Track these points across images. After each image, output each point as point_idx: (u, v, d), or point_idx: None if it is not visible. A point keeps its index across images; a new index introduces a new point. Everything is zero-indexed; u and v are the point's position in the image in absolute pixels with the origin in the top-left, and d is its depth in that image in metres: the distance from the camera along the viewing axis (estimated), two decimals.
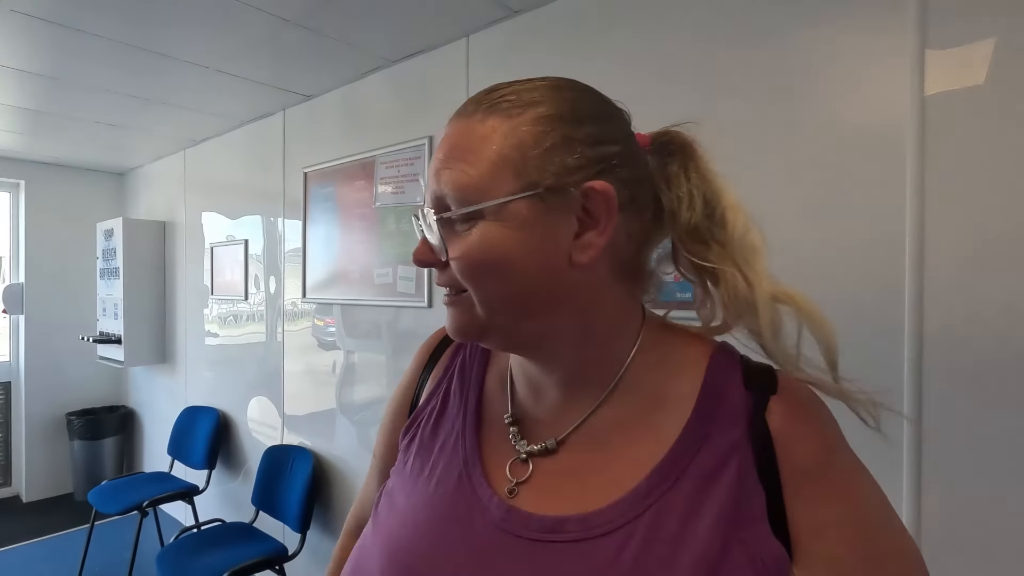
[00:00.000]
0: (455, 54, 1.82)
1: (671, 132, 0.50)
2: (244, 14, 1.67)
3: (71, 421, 3.71)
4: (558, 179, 0.43)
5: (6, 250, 3.84)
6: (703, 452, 0.42)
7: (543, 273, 0.44)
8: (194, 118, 2.74)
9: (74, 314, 3.82)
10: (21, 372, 3.70)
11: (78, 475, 3.73)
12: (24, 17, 1.69)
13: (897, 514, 0.44)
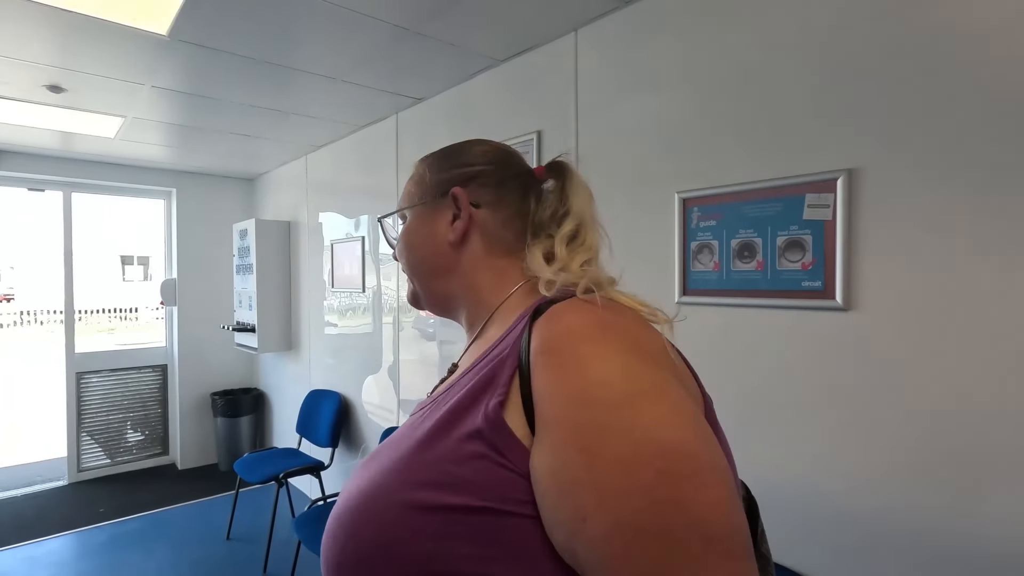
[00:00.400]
0: (563, 49, 1.86)
1: (558, 160, 0.72)
2: (367, 26, 1.81)
3: (214, 400, 4.21)
4: (437, 190, 0.69)
5: (162, 250, 4.41)
6: (489, 361, 0.55)
7: (433, 248, 0.69)
8: (316, 126, 3.00)
9: (215, 305, 4.32)
10: (175, 356, 4.25)
11: (221, 448, 4.22)
12: (187, 45, 1.95)
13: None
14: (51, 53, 2.02)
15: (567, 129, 1.85)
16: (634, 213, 1.64)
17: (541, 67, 1.95)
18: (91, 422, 4.04)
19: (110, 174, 3.91)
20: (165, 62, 2.09)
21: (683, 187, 1.51)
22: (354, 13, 1.71)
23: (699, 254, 1.46)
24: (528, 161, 1.95)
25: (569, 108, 1.84)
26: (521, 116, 2.03)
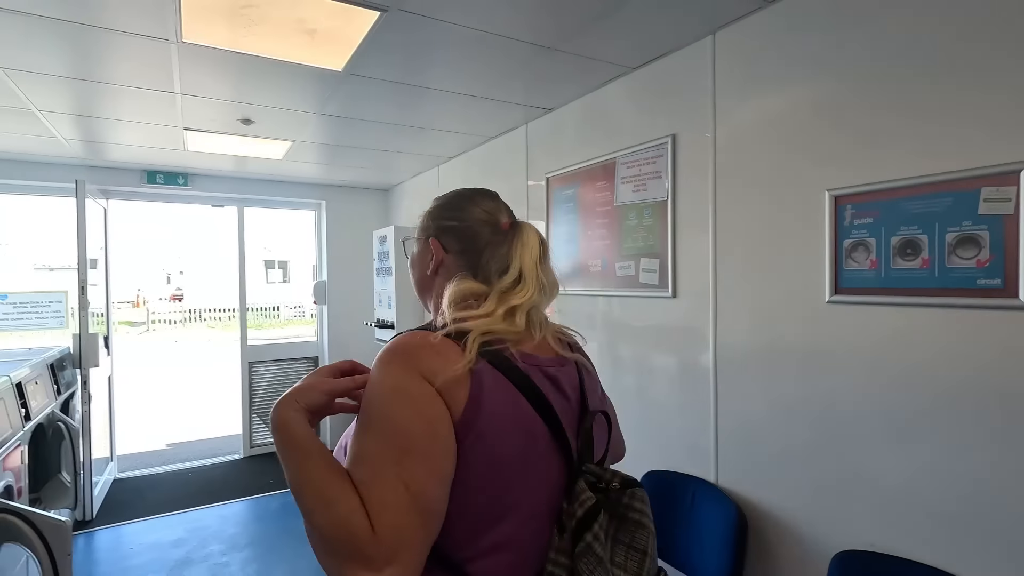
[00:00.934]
0: (700, 52, 1.89)
1: (517, 221, 0.94)
2: (508, 47, 1.96)
3: None
4: (425, 234, 0.96)
5: (314, 255, 4.98)
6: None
7: (421, 272, 0.97)
8: (450, 139, 3.25)
9: (358, 304, 4.80)
10: (326, 349, 4.79)
11: None
12: (357, 78, 2.24)
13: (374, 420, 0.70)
14: (246, 92, 2.42)
15: (704, 131, 1.88)
16: (777, 212, 1.65)
17: (675, 71, 2.00)
18: (260, 404, 4.68)
19: (274, 190, 4.51)
20: (336, 93, 2.41)
21: (834, 184, 1.49)
22: (498, 37, 1.88)
23: (853, 252, 1.44)
24: (662, 165, 2.02)
25: (706, 110, 1.87)
26: (654, 121, 2.09)
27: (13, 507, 1.65)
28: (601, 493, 0.75)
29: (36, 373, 2.72)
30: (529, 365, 0.78)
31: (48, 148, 3.33)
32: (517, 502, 0.71)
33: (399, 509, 0.63)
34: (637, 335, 2.21)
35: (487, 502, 0.70)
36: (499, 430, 0.70)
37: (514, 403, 0.73)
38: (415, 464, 0.65)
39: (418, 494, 0.64)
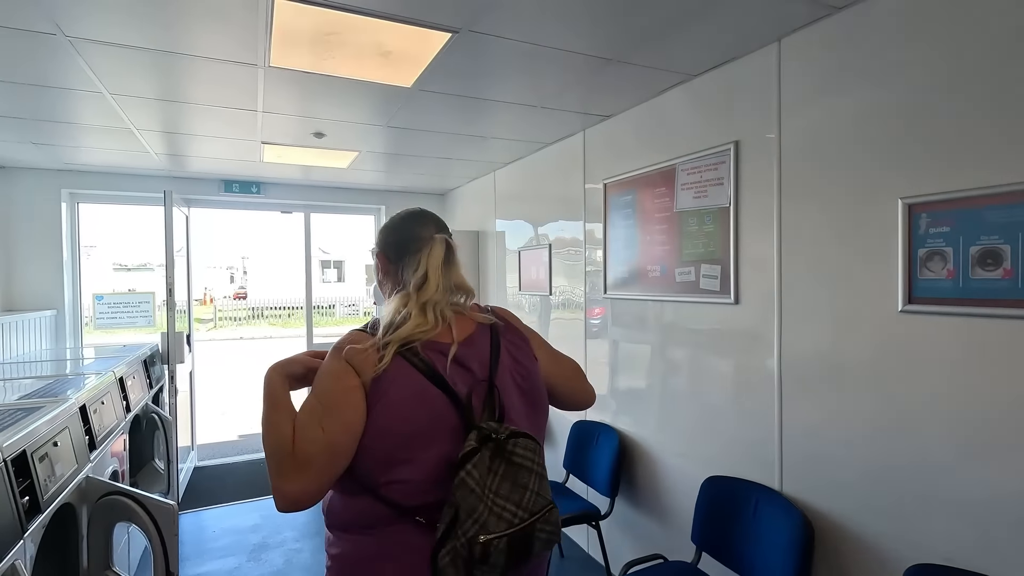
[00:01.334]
0: (764, 59, 1.89)
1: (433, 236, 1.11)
2: (572, 61, 2.02)
3: None
4: (376, 250, 1.17)
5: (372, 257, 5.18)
6: None
7: (379, 280, 1.19)
8: (507, 146, 3.33)
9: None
10: None
11: None
12: (424, 93, 2.35)
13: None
14: (320, 108, 2.57)
15: (768, 138, 1.88)
16: (846, 219, 1.63)
17: (738, 78, 2.00)
18: None
19: (338, 196, 4.73)
20: (403, 108, 2.54)
21: (908, 192, 1.47)
22: (561, 52, 1.94)
23: (928, 261, 1.42)
24: (724, 171, 2.03)
25: (771, 117, 1.87)
26: (715, 128, 2.10)
27: (128, 490, 1.84)
28: (490, 441, 0.95)
29: (133, 369, 2.98)
30: (433, 352, 1.02)
31: (141, 161, 3.63)
32: (416, 452, 0.97)
33: (313, 441, 0.95)
34: (696, 340, 2.22)
35: (390, 449, 0.97)
36: (397, 402, 0.97)
37: (416, 383, 0.98)
38: (331, 418, 0.96)
39: (330, 435, 0.95)
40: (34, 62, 1.98)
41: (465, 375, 1.02)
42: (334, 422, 0.95)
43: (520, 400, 1.07)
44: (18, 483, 1.45)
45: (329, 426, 0.95)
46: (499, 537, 0.91)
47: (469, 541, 0.91)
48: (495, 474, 0.95)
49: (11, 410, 1.81)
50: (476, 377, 1.03)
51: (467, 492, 0.92)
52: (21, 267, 3.73)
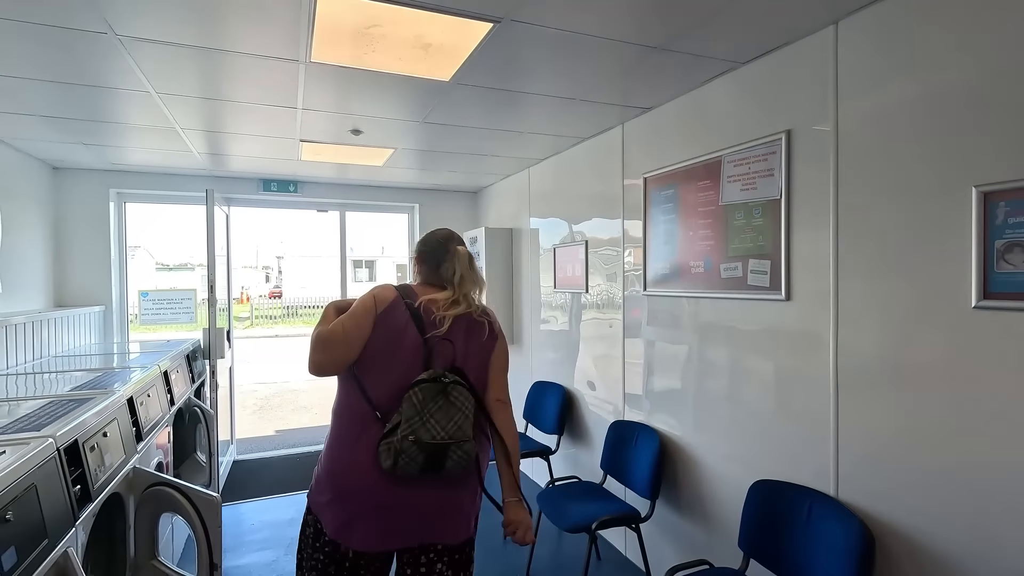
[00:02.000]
0: (819, 43, 1.80)
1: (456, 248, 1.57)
2: (615, 49, 1.96)
3: None
4: (415, 255, 1.66)
5: (406, 255, 5.20)
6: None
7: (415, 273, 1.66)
8: (543, 141, 3.29)
9: None
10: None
11: None
12: (463, 87, 2.32)
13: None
14: (358, 104, 2.58)
15: (824, 126, 1.79)
16: (910, 209, 1.54)
17: (790, 65, 1.91)
18: None
19: (373, 195, 4.77)
20: (441, 102, 2.52)
21: (983, 180, 1.37)
22: (606, 40, 1.88)
23: (1007, 254, 1.32)
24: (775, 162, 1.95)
25: (826, 104, 1.78)
26: (765, 117, 2.01)
27: (174, 482, 1.87)
28: (438, 381, 1.39)
29: (176, 363, 3.05)
30: (426, 309, 1.46)
31: (184, 161, 3.72)
32: (389, 366, 1.43)
33: (337, 333, 1.42)
34: (743, 338, 2.13)
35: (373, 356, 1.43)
36: (387, 328, 1.44)
37: (403, 321, 1.45)
38: (352, 323, 1.44)
39: (347, 332, 1.42)
40: (86, 63, 2.03)
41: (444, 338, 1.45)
42: (352, 326, 1.44)
43: (476, 363, 1.52)
44: (70, 472, 1.48)
45: (349, 328, 1.43)
46: (421, 443, 1.34)
47: (402, 438, 1.34)
48: (436, 403, 1.38)
49: (64, 401, 1.86)
50: (449, 339, 1.46)
51: (410, 406, 1.37)
52: (72, 265, 3.87)
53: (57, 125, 2.83)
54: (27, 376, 2.50)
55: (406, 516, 1.41)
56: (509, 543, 3.06)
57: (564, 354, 3.56)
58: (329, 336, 1.42)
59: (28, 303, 3.40)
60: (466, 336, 1.49)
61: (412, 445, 1.32)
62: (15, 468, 1.22)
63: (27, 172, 3.45)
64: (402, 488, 1.39)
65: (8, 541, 1.14)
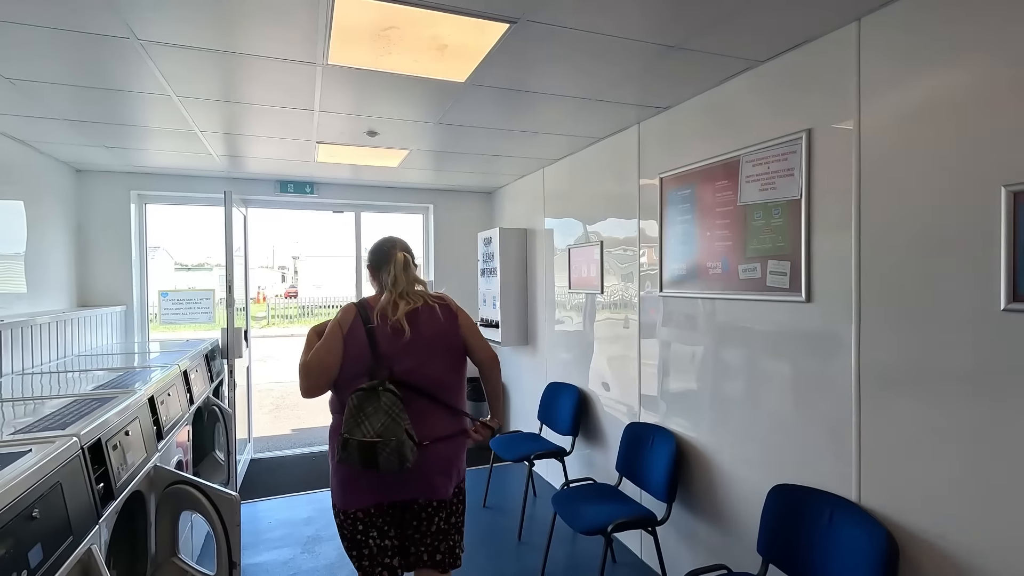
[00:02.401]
0: (841, 40, 1.77)
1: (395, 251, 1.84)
2: (633, 49, 1.95)
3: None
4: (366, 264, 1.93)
5: (420, 256, 5.23)
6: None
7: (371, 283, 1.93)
8: (557, 142, 3.28)
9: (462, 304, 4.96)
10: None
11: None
12: (478, 88, 2.32)
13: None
14: (374, 106, 2.59)
15: (846, 124, 1.75)
16: (936, 209, 1.50)
17: (811, 63, 1.88)
18: None
19: (388, 196, 4.79)
20: (456, 104, 2.52)
21: (1013, 179, 1.33)
22: (623, 40, 1.87)
23: None
24: (795, 162, 1.92)
25: (848, 101, 1.74)
26: (785, 115, 1.98)
27: (194, 480, 1.90)
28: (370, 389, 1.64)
29: (195, 363, 3.09)
30: (379, 319, 1.73)
31: (202, 163, 3.77)
32: (352, 373, 1.70)
33: (313, 363, 1.69)
34: (761, 340, 2.10)
35: (345, 367, 1.70)
36: (354, 346, 1.70)
37: (361, 334, 1.72)
38: (324, 348, 1.70)
39: (323, 359, 1.69)
40: (108, 67, 2.06)
41: (394, 336, 1.72)
42: (325, 352, 1.70)
43: (429, 353, 1.76)
44: (93, 470, 1.51)
45: (323, 355, 1.70)
46: (353, 440, 1.60)
47: (343, 436, 1.63)
48: (372, 405, 1.62)
49: (87, 400, 1.89)
50: (403, 335, 1.72)
51: (348, 410, 1.64)
52: (94, 265, 3.94)
53: (80, 128, 2.88)
54: (51, 375, 2.55)
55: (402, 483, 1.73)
56: (524, 544, 3.05)
57: (578, 355, 3.55)
58: (309, 367, 1.69)
59: (52, 303, 3.47)
60: (428, 324, 1.78)
61: (348, 442, 1.61)
62: (41, 467, 1.24)
63: (51, 175, 3.53)
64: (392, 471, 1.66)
65: (34, 538, 1.16)
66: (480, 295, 4.72)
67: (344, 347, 1.69)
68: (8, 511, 1.09)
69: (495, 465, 3.69)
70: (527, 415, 4.33)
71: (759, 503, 2.00)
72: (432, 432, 1.71)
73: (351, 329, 1.71)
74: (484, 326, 4.55)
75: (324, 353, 1.69)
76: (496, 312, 4.29)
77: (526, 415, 4.38)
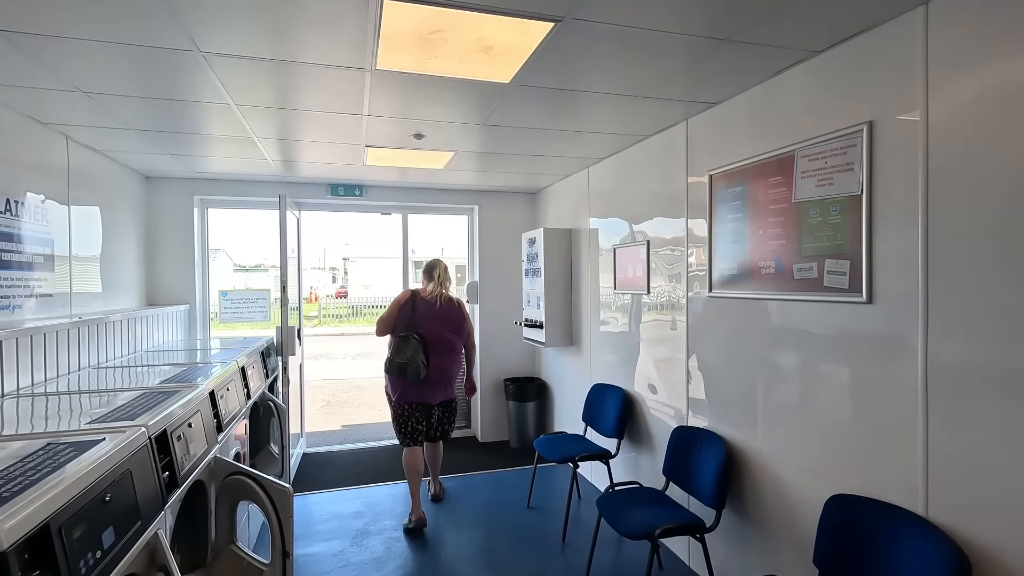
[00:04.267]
0: (906, 27, 1.67)
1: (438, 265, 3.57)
2: (682, 43, 1.90)
3: (507, 385, 4.86)
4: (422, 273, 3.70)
5: (466, 256, 5.28)
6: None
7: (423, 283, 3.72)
8: (601, 140, 3.24)
9: (507, 304, 5.00)
10: (477, 345, 5.05)
11: (511, 427, 4.87)
12: (523, 88, 2.33)
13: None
14: (420, 109, 2.63)
15: (912, 115, 1.66)
16: (1009, 204, 1.39)
17: (872, 52, 1.79)
18: None
19: (434, 197, 4.87)
20: (501, 105, 2.54)
21: None
22: (671, 34, 1.83)
23: None
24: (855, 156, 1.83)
25: (914, 92, 1.65)
26: (843, 109, 1.89)
27: (251, 472, 1.98)
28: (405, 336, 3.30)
29: (252, 359, 3.23)
30: (421, 300, 3.40)
31: (259, 168, 3.94)
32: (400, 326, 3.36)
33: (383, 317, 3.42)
34: (817, 342, 2.01)
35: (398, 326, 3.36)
36: (403, 312, 3.37)
37: (408, 306, 3.38)
38: (388, 314, 3.41)
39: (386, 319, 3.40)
40: (174, 79, 2.19)
41: (426, 310, 3.36)
42: (389, 316, 3.37)
43: (442, 326, 3.37)
44: (160, 459, 1.60)
45: (386, 316, 3.38)
46: (395, 361, 3.29)
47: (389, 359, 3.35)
48: (406, 345, 3.27)
49: (154, 393, 2.01)
50: (434, 308, 3.37)
51: (395, 346, 3.33)
52: (161, 266, 4.18)
53: (149, 137, 3.06)
54: (122, 369, 2.72)
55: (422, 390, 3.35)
56: (568, 546, 3.03)
57: (624, 356, 3.50)
58: (381, 321, 3.38)
59: (124, 302, 3.70)
60: (446, 310, 3.41)
61: (392, 362, 3.30)
62: (114, 454, 1.33)
63: (124, 182, 3.76)
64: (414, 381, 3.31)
65: (107, 521, 1.24)
66: (524, 295, 4.72)
67: (398, 313, 3.34)
68: (86, 494, 1.16)
69: (539, 466, 3.68)
70: (571, 416, 4.31)
71: (815, 512, 1.91)
72: (437, 364, 3.33)
73: (403, 304, 3.37)
74: (528, 326, 4.55)
75: (387, 315, 3.38)
76: (540, 312, 4.29)
77: (570, 416, 4.35)
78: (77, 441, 1.40)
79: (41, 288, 2.68)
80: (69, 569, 1.05)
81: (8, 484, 1.10)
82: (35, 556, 0.99)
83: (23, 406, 1.90)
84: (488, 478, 4.17)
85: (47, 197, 2.75)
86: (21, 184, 2.55)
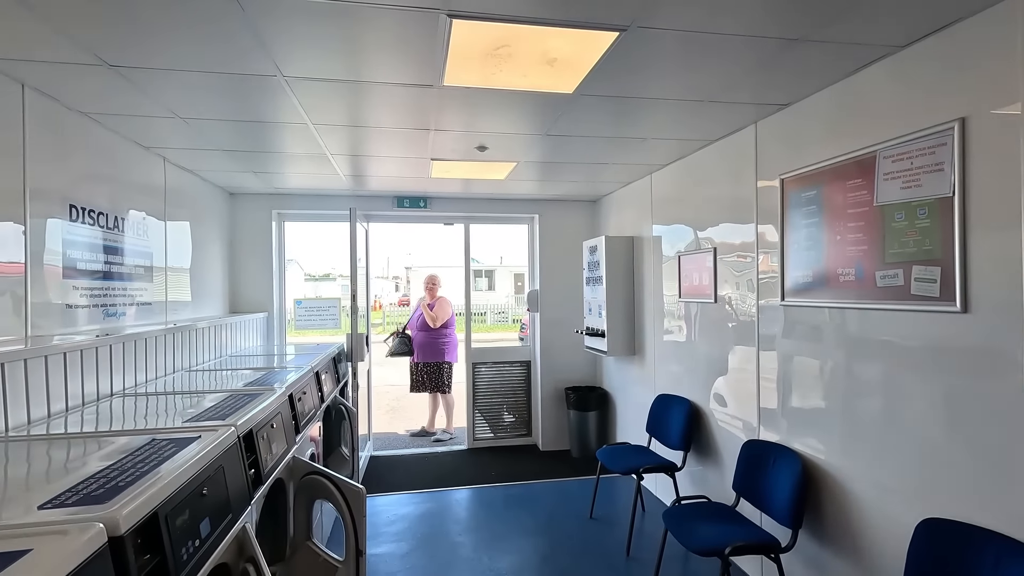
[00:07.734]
0: (1003, 16, 1.55)
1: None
2: (751, 46, 1.85)
3: (568, 394, 4.84)
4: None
5: (526, 265, 5.32)
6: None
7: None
8: (665, 146, 3.19)
9: (567, 312, 4.98)
10: (537, 354, 5.07)
11: (572, 437, 4.83)
12: (586, 97, 2.34)
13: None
14: (484, 122, 2.69)
15: (1010, 109, 1.54)
16: None
17: (962, 45, 1.68)
18: (481, 402, 5.14)
19: (495, 207, 4.95)
20: (564, 115, 2.56)
21: None
22: (740, 37, 1.79)
23: None
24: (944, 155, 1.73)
25: (1014, 83, 1.53)
26: (931, 105, 1.78)
27: (327, 472, 2.09)
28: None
29: (325, 365, 3.38)
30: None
31: (331, 183, 4.15)
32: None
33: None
34: (904, 354, 1.89)
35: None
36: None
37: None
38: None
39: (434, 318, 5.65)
40: (257, 102, 2.35)
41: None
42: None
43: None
44: (246, 456, 1.71)
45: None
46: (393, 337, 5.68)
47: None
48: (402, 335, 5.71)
49: (239, 395, 2.15)
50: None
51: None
52: (243, 276, 4.47)
53: (234, 157, 3.30)
54: (210, 372, 2.93)
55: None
56: (633, 560, 2.98)
57: (689, 367, 3.40)
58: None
59: (210, 310, 3.98)
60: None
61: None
62: (210, 451, 1.44)
63: (211, 198, 4.07)
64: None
65: (204, 512, 1.34)
66: (585, 304, 4.69)
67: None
68: (187, 486, 1.27)
69: (602, 476, 3.63)
70: (634, 427, 4.23)
71: (902, 537, 1.79)
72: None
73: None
74: (589, 335, 4.52)
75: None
76: (602, 321, 4.25)
77: (633, 427, 4.27)
78: (176, 438, 1.52)
79: (141, 297, 2.94)
80: (174, 555, 1.14)
81: (122, 475, 1.21)
82: (146, 541, 1.08)
83: (128, 405, 2.09)
84: (549, 487, 4.15)
85: (147, 214, 3.02)
86: (125, 203, 2.81)
